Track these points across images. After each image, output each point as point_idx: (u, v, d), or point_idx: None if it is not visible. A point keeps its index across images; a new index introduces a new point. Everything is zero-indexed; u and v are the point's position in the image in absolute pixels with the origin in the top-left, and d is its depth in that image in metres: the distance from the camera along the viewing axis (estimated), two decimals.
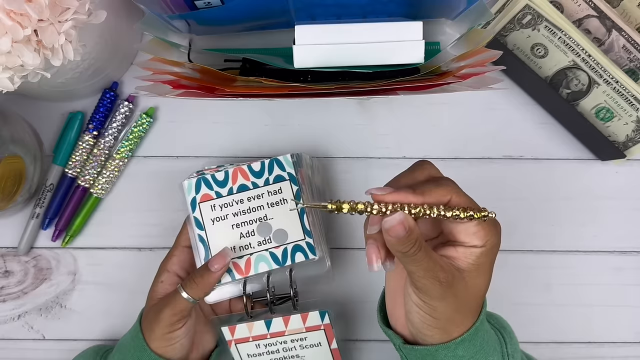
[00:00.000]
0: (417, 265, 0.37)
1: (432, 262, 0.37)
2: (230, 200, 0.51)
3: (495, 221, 0.39)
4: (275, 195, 0.52)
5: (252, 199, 0.52)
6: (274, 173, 0.52)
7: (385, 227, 0.36)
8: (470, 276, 0.38)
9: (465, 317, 0.40)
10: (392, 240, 0.36)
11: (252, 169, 0.52)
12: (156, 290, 0.50)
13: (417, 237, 0.36)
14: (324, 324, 0.53)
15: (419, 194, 0.37)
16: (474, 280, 0.39)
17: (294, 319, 0.52)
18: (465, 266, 0.38)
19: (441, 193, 0.37)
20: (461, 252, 0.39)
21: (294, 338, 0.53)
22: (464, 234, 0.38)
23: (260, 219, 0.51)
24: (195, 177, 0.52)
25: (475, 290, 0.39)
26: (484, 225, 0.38)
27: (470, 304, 0.40)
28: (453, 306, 0.38)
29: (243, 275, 0.50)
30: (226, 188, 0.52)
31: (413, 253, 0.36)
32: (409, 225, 0.36)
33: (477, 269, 0.39)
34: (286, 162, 0.52)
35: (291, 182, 0.52)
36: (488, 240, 0.38)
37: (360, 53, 0.50)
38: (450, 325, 0.39)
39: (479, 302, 0.40)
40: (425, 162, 0.41)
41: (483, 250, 0.38)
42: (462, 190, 0.39)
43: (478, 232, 0.38)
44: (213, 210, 0.51)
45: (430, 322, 0.39)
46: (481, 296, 0.40)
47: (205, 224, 0.51)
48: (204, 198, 0.52)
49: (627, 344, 0.60)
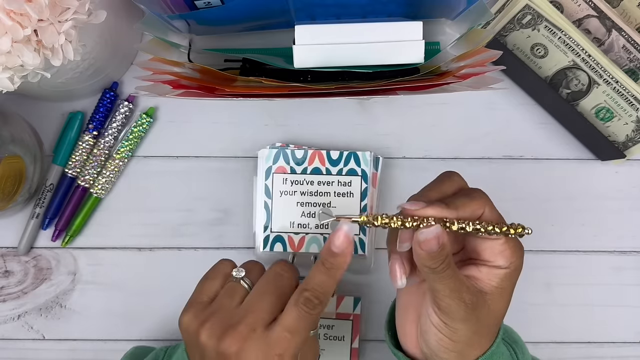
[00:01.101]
0: (443, 284, 0.36)
1: (459, 282, 0.36)
2: (302, 179, 0.55)
3: (519, 243, 0.38)
4: (344, 186, 0.55)
5: (321, 184, 0.55)
6: (349, 166, 0.55)
7: (419, 239, 0.35)
8: (493, 300, 0.37)
9: (483, 339, 0.39)
10: (423, 254, 0.35)
11: (330, 156, 0.55)
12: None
13: (448, 254, 0.35)
14: (354, 314, 0.56)
15: (452, 208, 0.35)
16: (497, 304, 0.38)
17: (329, 300, 0.54)
18: (489, 289, 0.37)
19: (475, 207, 0.36)
20: (485, 273, 0.37)
21: (322, 324, 0.56)
22: (490, 252, 0.37)
23: (324, 204, 0.55)
24: (276, 149, 0.56)
25: (496, 313, 0.38)
26: (510, 245, 0.37)
27: (490, 328, 0.39)
28: (473, 329, 0.37)
29: (294, 249, 0.54)
30: (302, 167, 0.55)
31: (442, 270, 0.35)
32: (443, 241, 0.35)
33: (500, 293, 0.37)
34: (364, 159, 0.55)
35: (363, 179, 0.55)
36: (513, 262, 0.37)
37: (360, 53, 0.50)
38: (467, 349, 0.38)
39: (497, 325, 0.39)
40: (453, 174, 0.39)
41: (507, 273, 0.37)
42: (494, 204, 0.37)
43: (504, 251, 0.37)
44: (284, 183, 0.55)
45: (448, 345, 0.38)
46: (501, 318, 0.39)
47: (273, 194, 0.55)
48: (280, 170, 0.55)
49: (627, 344, 0.60)
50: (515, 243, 0.37)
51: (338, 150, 0.56)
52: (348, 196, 0.55)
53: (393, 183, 0.59)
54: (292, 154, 0.56)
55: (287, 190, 0.55)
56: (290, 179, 0.55)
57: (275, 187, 0.55)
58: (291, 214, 0.55)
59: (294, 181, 0.55)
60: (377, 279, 0.59)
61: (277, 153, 0.56)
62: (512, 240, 0.37)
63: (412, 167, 0.59)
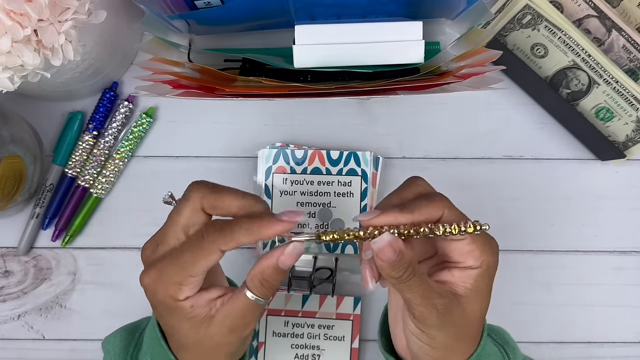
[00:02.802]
0: (412, 292, 0.36)
1: (428, 289, 0.36)
2: (302, 179, 0.55)
3: (491, 240, 0.37)
4: (344, 186, 0.55)
5: (321, 184, 0.55)
6: (349, 166, 0.55)
7: (374, 250, 0.35)
8: (467, 302, 0.37)
9: (465, 344, 0.38)
10: (384, 265, 0.35)
11: (330, 156, 0.56)
12: (193, 320, 0.37)
13: (409, 261, 0.35)
14: (354, 314, 0.56)
15: (407, 212, 0.35)
16: (472, 306, 0.37)
17: (329, 300, 0.56)
18: (462, 291, 0.37)
19: (432, 209, 0.36)
20: (457, 275, 0.37)
21: (322, 324, 0.55)
22: (458, 252, 0.37)
23: (324, 204, 0.55)
24: (276, 148, 0.56)
25: (473, 316, 0.38)
26: (479, 244, 0.36)
27: (470, 331, 0.38)
28: (451, 334, 0.37)
29: None
30: (302, 166, 0.55)
31: (407, 278, 0.35)
32: (399, 248, 0.34)
33: (475, 294, 0.37)
34: (364, 159, 0.55)
35: (363, 179, 0.55)
36: (484, 260, 0.37)
37: (360, 53, 0.50)
38: (449, 354, 0.38)
39: (477, 328, 0.39)
40: (416, 179, 0.39)
41: (479, 272, 0.37)
42: (455, 205, 0.37)
43: (472, 251, 0.36)
44: (284, 183, 0.55)
45: (428, 352, 0.38)
46: (479, 321, 0.39)
47: (273, 194, 0.55)
48: (279, 170, 0.55)
49: (627, 344, 0.60)
50: (483, 241, 0.37)
51: (338, 150, 0.56)
52: (348, 196, 0.55)
53: (393, 183, 0.59)
54: (292, 154, 0.56)
55: (287, 190, 0.55)
56: (290, 179, 0.55)
57: (275, 187, 0.55)
58: None
59: (294, 181, 0.55)
60: None
61: (277, 153, 0.56)
62: (480, 238, 0.37)
63: (412, 167, 0.59)
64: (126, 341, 0.44)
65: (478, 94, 0.58)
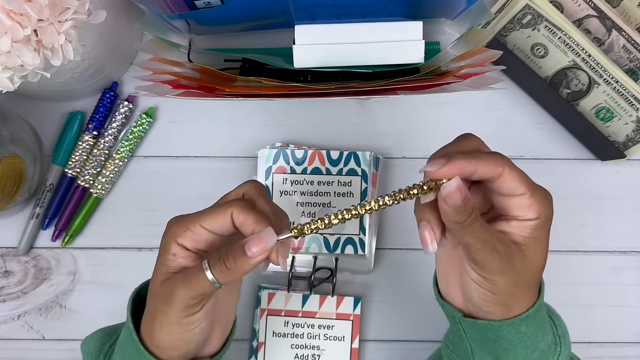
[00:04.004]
0: (474, 237, 0.36)
1: (490, 233, 0.36)
2: (302, 179, 0.55)
3: (546, 193, 0.38)
4: (344, 186, 0.55)
5: (321, 184, 0.55)
6: (349, 166, 0.55)
7: (442, 195, 0.35)
8: (528, 249, 0.37)
9: (526, 292, 0.39)
10: (449, 209, 0.35)
11: (330, 156, 0.55)
12: (167, 265, 0.39)
13: (472, 206, 0.36)
14: (354, 314, 0.56)
15: (473, 160, 0.36)
16: (532, 253, 0.38)
17: (329, 300, 0.56)
18: (522, 240, 0.37)
19: (494, 164, 0.36)
20: (515, 226, 0.37)
21: (322, 324, 0.56)
22: (517, 207, 0.37)
23: (324, 204, 0.55)
24: (276, 149, 0.55)
25: (534, 263, 0.38)
26: (538, 198, 0.37)
27: (530, 278, 0.39)
28: (513, 280, 0.37)
29: (294, 249, 0.54)
30: (302, 167, 0.55)
31: (470, 223, 0.36)
32: (466, 193, 0.35)
33: (534, 242, 0.38)
34: (364, 159, 0.55)
35: (363, 179, 0.55)
36: (542, 212, 0.37)
37: (360, 53, 0.50)
38: (511, 301, 0.38)
39: (537, 277, 0.39)
40: (471, 135, 0.39)
41: (538, 223, 0.37)
42: (515, 165, 0.38)
43: (532, 205, 0.37)
44: (284, 183, 0.55)
45: (490, 299, 0.38)
46: (540, 270, 0.39)
47: (273, 194, 0.55)
48: (279, 170, 0.55)
49: (627, 344, 0.60)
50: (541, 194, 0.37)
51: (338, 150, 0.56)
52: (348, 196, 0.55)
53: (393, 183, 0.59)
54: (292, 154, 0.56)
55: (287, 190, 0.55)
56: (290, 179, 0.55)
57: (275, 187, 0.55)
58: (291, 214, 0.55)
59: (294, 181, 0.55)
60: (377, 279, 0.59)
61: (277, 153, 0.56)
62: (537, 192, 0.37)
63: (412, 167, 0.59)
64: (102, 340, 0.44)
65: (478, 94, 0.58)
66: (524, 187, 0.37)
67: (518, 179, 0.37)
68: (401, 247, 0.59)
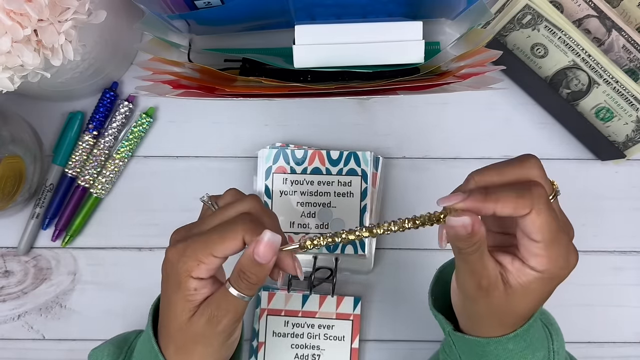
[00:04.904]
0: (465, 264, 0.36)
1: (481, 267, 0.35)
2: (302, 179, 0.55)
3: (569, 254, 0.36)
4: (344, 186, 0.55)
5: (321, 184, 0.55)
6: (349, 166, 0.55)
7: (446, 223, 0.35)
8: (515, 295, 0.36)
9: (495, 327, 0.38)
10: (451, 234, 0.35)
11: (330, 156, 0.56)
12: (190, 300, 0.38)
13: (478, 241, 0.34)
14: (354, 314, 0.56)
15: (491, 202, 0.33)
16: (518, 300, 0.36)
17: (329, 300, 0.56)
18: (515, 284, 0.36)
19: (520, 205, 0.34)
20: (516, 267, 0.36)
21: (322, 324, 0.56)
22: (527, 250, 0.35)
23: (324, 204, 0.55)
24: (276, 149, 0.55)
25: (515, 309, 0.37)
26: (551, 253, 0.35)
27: (504, 320, 0.38)
28: (482, 313, 0.37)
29: None
30: (302, 166, 0.55)
31: (468, 252, 0.35)
32: (476, 229, 0.34)
33: (524, 292, 0.36)
34: (364, 159, 0.55)
35: (363, 179, 0.55)
36: (550, 269, 0.35)
37: (360, 53, 0.50)
38: (475, 326, 0.39)
39: (514, 320, 0.38)
40: (529, 159, 0.37)
41: (539, 277, 0.35)
42: (550, 205, 0.35)
43: (542, 257, 0.35)
44: (284, 183, 0.55)
45: (460, 311, 0.39)
46: (521, 316, 0.38)
47: (273, 194, 0.55)
48: (279, 170, 0.55)
49: (627, 344, 0.60)
50: (559, 252, 0.35)
51: (338, 150, 0.56)
52: (348, 196, 0.55)
53: (393, 183, 0.59)
54: (292, 154, 0.56)
55: (286, 190, 0.55)
56: (290, 179, 0.55)
57: (275, 187, 0.55)
58: (291, 214, 0.55)
59: (294, 181, 0.55)
60: (377, 279, 0.59)
61: (277, 153, 0.56)
62: (556, 248, 0.35)
63: (412, 167, 0.59)
64: (114, 356, 0.44)
65: (478, 94, 0.58)
66: (542, 236, 0.34)
67: (539, 226, 0.34)
68: (401, 247, 0.59)
